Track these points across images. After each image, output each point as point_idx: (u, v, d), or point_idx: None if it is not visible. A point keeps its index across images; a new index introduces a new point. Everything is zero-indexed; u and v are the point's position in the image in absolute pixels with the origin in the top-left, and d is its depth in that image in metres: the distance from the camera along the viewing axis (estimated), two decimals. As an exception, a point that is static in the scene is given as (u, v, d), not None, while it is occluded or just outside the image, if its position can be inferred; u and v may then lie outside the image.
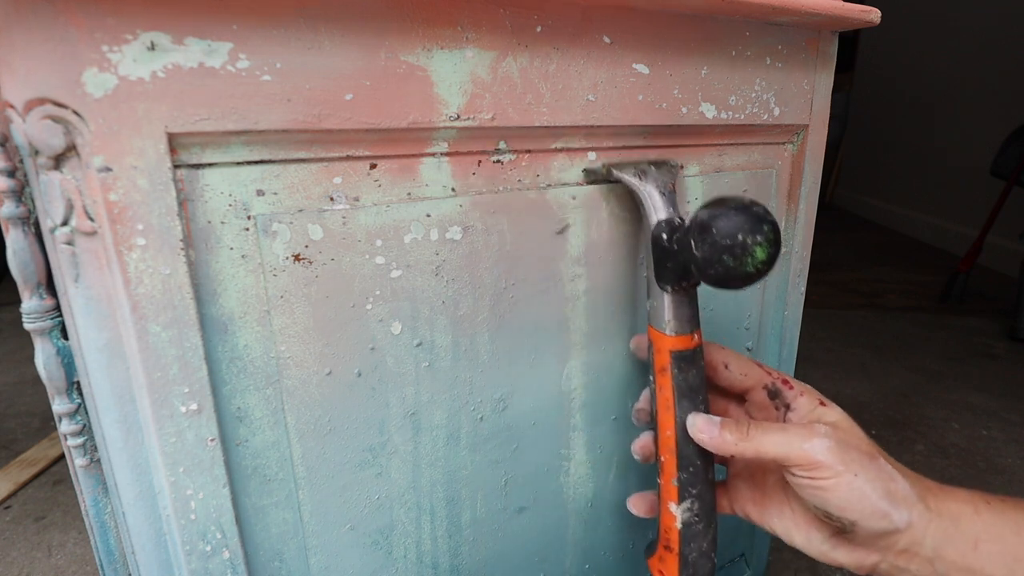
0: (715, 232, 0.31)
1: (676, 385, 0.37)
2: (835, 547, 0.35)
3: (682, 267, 0.35)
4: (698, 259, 0.32)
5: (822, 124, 0.50)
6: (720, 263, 0.31)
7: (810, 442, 0.32)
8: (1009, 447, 1.05)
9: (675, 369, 0.37)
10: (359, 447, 0.36)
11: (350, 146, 0.32)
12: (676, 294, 0.37)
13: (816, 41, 0.47)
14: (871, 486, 0.32)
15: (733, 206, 0.31)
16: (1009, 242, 2.00)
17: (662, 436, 0.38)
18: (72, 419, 0.30)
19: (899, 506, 0.32)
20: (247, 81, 0.27)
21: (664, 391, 0.38)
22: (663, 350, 0.37)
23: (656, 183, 0.39)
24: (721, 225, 0.31)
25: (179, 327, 0.28)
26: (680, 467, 0.38)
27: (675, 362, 0.37)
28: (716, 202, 0.32)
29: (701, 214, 0.32)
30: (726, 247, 0.30)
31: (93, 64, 0.24)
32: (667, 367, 0.37)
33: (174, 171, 0.26)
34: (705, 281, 0.33)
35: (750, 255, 0.30)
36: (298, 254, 0.31)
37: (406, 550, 0.40)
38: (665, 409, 0.38)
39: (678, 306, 0.37)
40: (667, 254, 0.36)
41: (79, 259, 0.26)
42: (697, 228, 0.32)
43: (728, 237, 0.30)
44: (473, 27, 0.32)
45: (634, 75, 0.39)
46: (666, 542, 0.39)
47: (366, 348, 0.34)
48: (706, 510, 0.38)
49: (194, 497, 0.30)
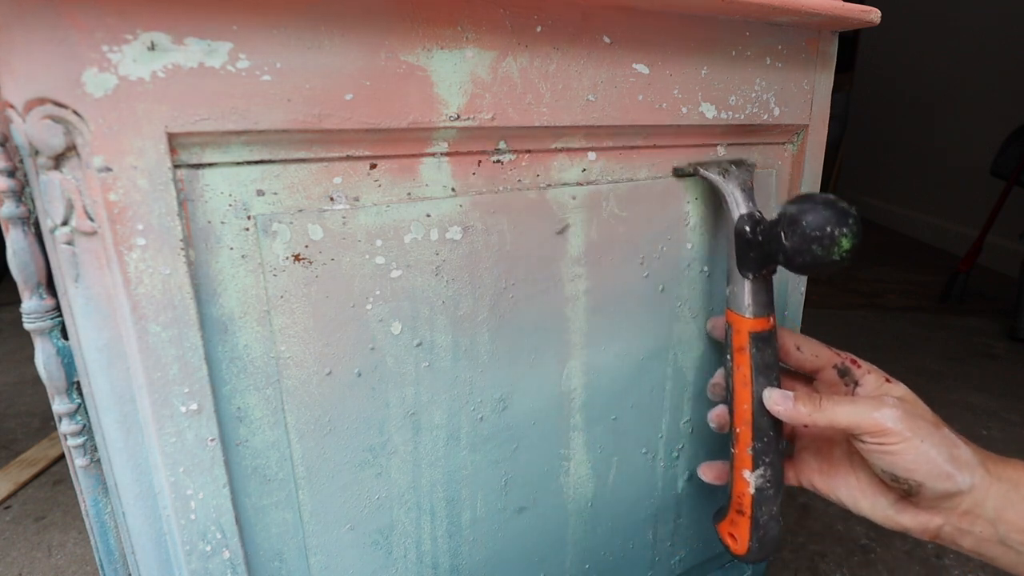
0: (805, 225, 0.34)
1: (754, 363, 0.41)
2: (900, 511, 0.38)
3: (764, 256, 0.39)
4: (787, 249, 0.36)
5: (822, 124, 0.50)
6: (809, 252, 0.34)
7: (880, 411, 0.36)
8: (1009, 447, 1.05)
9: (753, 348, 0.40)
10: (359, 447, 0.36)
11: (350, 146, 0.32)
12: (756, 281, 0.40)
13: (816, 41, 0.47)
14: (936, 451, 0.35)
15: (820, 201, 0.35)
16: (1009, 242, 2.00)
17: (738, 409, 0.42)
18: (72, 419, 0.30)
19: (962, 470, 0.35)
20: (247, 81, 0.27)
21: (742, 368, 0.41)
22: (742, 331, 0.41)
23: (738, 181, 0.42)
24: (810, 218, 0.34)
25: (179, 327, 0.28)
26: (755, 437, 0.41)
27: (753, 342, 0.41)
28: (803, 198, 0.36)
29: (790, 208, 0.36)
30: (815, 238, 0.34)
31: (93, 64, 0.24)
32: (745, 347, 0.41)
33: (174, 171, 0.26)
34: (793, 269, 0.37)
35: (837, 245, 0.34)
36: (298, 254, 0.31)
37: (406, 550, 0.40)
38: (743, 385, 0.41)
39: (757, 292, 0.41)
40: (750, 245, 0.40)
41: (79, 259, 0.26)
42: (787, 221, 0.36)
43: (817, 229, 0.34)
44: (473, 27, 0.32)
45: (634, 75, 0.39)
46: (739, 507, 0.43)
47: (366, 348, 0.34)
48: (776, 477, 0.42)
49: (194, 497, 0.30)
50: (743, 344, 0.41)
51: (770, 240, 0.37)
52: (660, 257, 0.45)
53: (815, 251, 0.34)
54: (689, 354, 0.50)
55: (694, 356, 0.50)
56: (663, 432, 0.51)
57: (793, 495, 0.91)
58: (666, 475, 0.53)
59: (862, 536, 0.83)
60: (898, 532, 0.39)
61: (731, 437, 0.43)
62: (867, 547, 0.81)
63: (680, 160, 0.44)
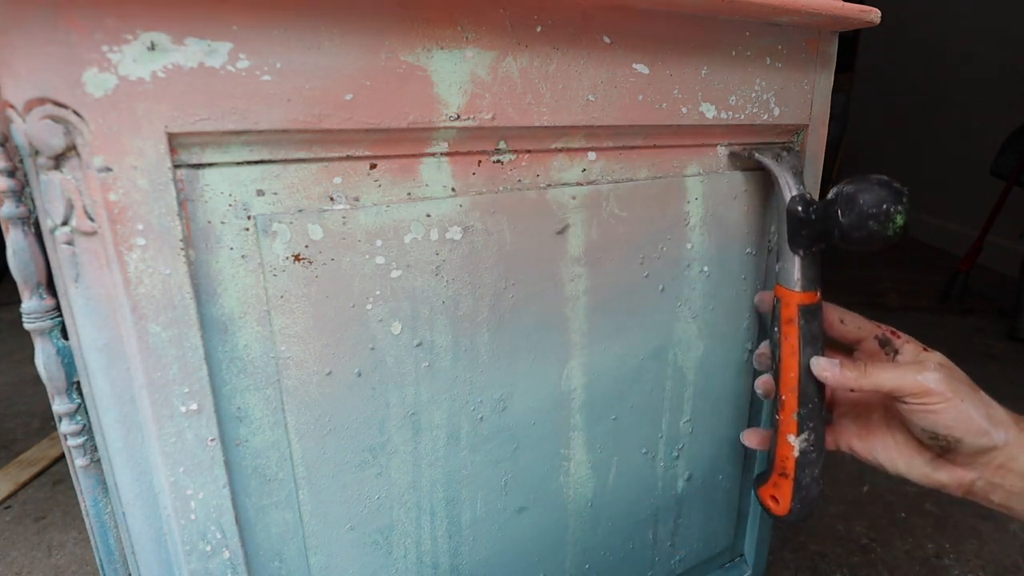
0: (862, 203, 0.38)
1: (802, 334, 0.43)
2: (936, 468, 0.41)
3: (817, 234, 0.42)
4: (844, 226, 0.39)
5: (822, 124, 0.50)
6: (866, 228, 0.38)
7: (923, 374, 0.39)
8: (1009, 447, 1.05)
9: (801, 320, 0.43)
10: (359, 447, 0.36)
11: (350, 146, 0.31)
12: (806, 258, 0.43)
13: (816, 41, 0.47)
14: (975, 410, 0.38)
15: (876, 181, 0.38)
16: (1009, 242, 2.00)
17: (785, 377, 0.44)
18: (72, 419, 0.30)
19: (997, 427, 0.38)
20: (247, 81, 0.27)
21: (790, 339, 0.44)
22: (791, 304, 0.43)
23: (789, 165, 0.44)
24: (867, 197, 0.38)
25: (179, 327, 0.28)
26: (801, 403, 0.44)
27: (802, 314, 0.43)
28: (858, 178, 0.39)
29: (847, 188, 0.39)
30: (872, 215, 0.37)
31: (93, 64, 0.24)
32: (794, 319, 0.43)
33: (174, 171, 0.26)
34: (848, 244, 0.40)
35: (892, 221, 0.37)
36: (298, 254, 0.31)
37: (406, 550, 0.40)
38: (790, 354, 0.44)
39: (807, 267, 0.43)
40: (803, 223, 0.42)
41: (79, 259, 0.26)
42: (845, 199, 0.39)
43: (874, 207, 0.37)
44: (473, 27, 0.32)
45: (634, 75, 0.39)
46: (782, 470, 0.45)
47: (366, 348, 0.34)
48: (819, 442, 0.45)
49: (194, 497, 0.30)
50: (792, 316, 0.43)
51: (826, 219, 0.40)
52: (660, 257, 0.45)
53: (872, 227, 0.37)
54: (689, 354, 0.50)
55: (694, 356, 0.50)
56: (663, 432, 0.51)
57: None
58: (666, 475, 0.53)
59: (862, 536, 0.83)
60: (933, 489, 0.42)
61: (775, 404, 0.45)
62: (867, 547, 0.81)
63: (680, 161, 0.44)
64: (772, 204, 0.50)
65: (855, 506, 0.89)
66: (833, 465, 1.00)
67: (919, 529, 0.84)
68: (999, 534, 0.83)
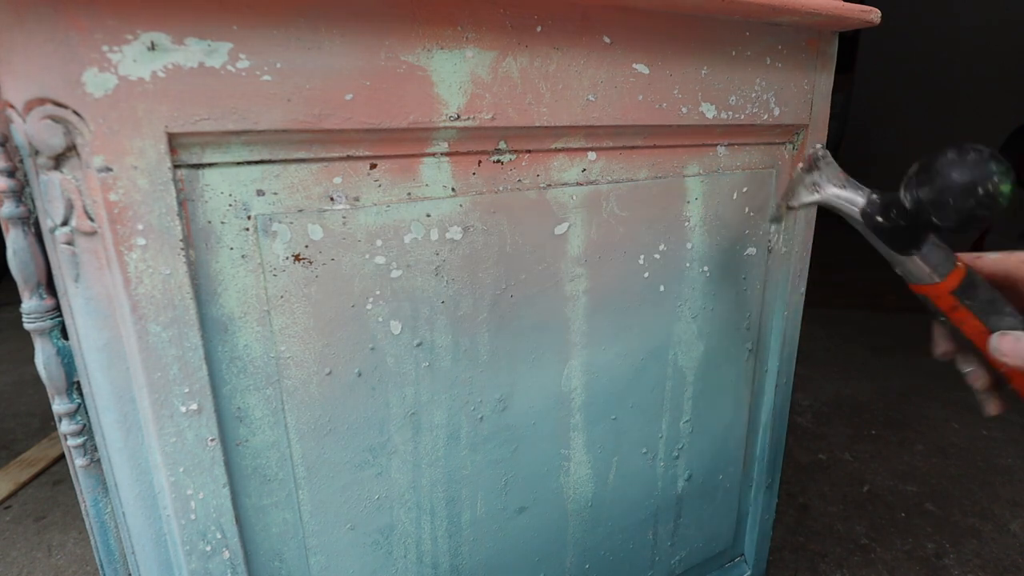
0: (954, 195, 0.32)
1: (976, 311, 0.37)
2: None
3: (914, 228, 0.36)
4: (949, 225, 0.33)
5: (822, 124, 0.50)
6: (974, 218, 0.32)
7: None
8: (1009, 447, 1.05)
9: (964, 300, 0.38)
10: (359, 447, 0.36)
11: (350, 146, 0.31)
12: (924, 248, 0.38)
13: (816, 41, 0.47)
14: None
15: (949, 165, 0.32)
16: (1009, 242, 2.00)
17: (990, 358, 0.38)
18: (72, 419, 0.30)
19: None
20: (247, 81, 0.27)
21: (968, 322, 0.38)
22: (943, 295, 0.38)
23: (832, 181, 0.40)
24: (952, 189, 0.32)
25: (179, 327, 0.28)
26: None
27: (959, 296, 0.38)
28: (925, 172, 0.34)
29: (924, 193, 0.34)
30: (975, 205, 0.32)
31: (93, 64, 0.24)
32: (956, 305, 0.38)
33: (174, 171, 0.26)
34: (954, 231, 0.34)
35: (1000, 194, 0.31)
36: (298, 254, 0.31)
37: (406, 550, 0.40)
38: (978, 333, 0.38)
39: (931, 255, 0.38)
40: (895, 230, 0.37)
41: (79, 259, 0.26)
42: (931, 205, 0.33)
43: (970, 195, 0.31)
44: (473, 27, 0.32)
45: (634, 75, 0.39)
46: None
47: (366, 348, 0.34)
48: None
49: (194, 497, 0.30)
50: (952, 304, 0.38)
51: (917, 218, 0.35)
52: (660, 257, 0.45)
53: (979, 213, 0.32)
54: (689, 354, 0.50)
55: (694, 356, 0.50)
56: (663, 432, 0.51)
57: (794, 495, 0.92)
58: (666, 475, 0.53)
59: (862, 536, 0.83)
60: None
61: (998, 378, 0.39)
62: (867, 547, 0.81)
63: (680, 161, 0.44)
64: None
65: (855, 506, 0.89)
66: (832, 466, 1.00)
67: (919, 529, 0.84)
68: (999, 534, 0.83)
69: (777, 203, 0.42)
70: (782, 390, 0.57)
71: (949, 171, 0.32)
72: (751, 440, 0.58)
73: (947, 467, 0.99)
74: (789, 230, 0.52)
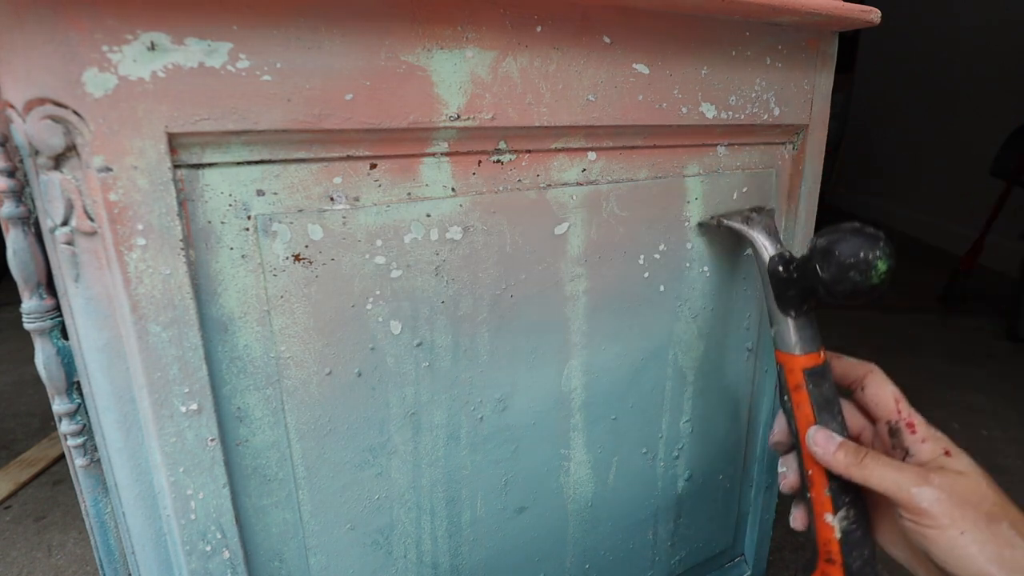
0: (838, 254, 0.35)
1: (813, 400, 0.39)
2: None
3: (803, 292, 0.39)
4: (826, 281, 0.36)
5: (822, 124, 0.50)
6: (848, 280, 0.35)
7: (920, 488, 0.32)
8: (1009, 447, 1.05)
9: (810, 385, 0.40)
10: (359, 447, 0.36)
11: (350, 146, 0.31)
12: (799, 318, 0.40)
13: (816, 41, 0.47)
14: (978, 547, 0.31)
15: (848, 229, 0.36)
16: (1009, 242, 2.00)
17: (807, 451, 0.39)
18: (72, 419, 0.30)
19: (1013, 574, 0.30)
20: (247, 81, 0.27)
21: (803, 407, 0.40)
22: (795, 370, 0.40)
23: (762, 225, 0.43)
24: (843, 247, 0.35)
25: (179, 327, 0.28)
26: (831, 476, 0.38)
27: (808, 379, 0.40)
28: (830, 229, 0.37)
29: (820, 241, 0.37)
30: (851, 265, 0.35)
31: (93, 64, 0.24)
32: (801, 384, 0.40)
33: (174, 171, 0.26)
34: (834, 299, 0.37)
35: (874, 269, 0.34)
36: (298, 254, 0.31)
37: (406, 550, 0.40)
38: (806, 424, 0.40)
39: (802, 328, 0.40)
40: (787, 283, 0.40)
41: (79, 259, 0.26)
42: (820, 253, 0.36)
43: (852, 256, 0.35)
44: (473, 27, 0.32)
45: (634, 75, 0.39)
46: (827, 555, 0.39)
47: (366, 348, 0.34)
48: (862, 517, 0.39)
49: (194, 497, 0.30)
50: (799, 382, 0.40)
51: (805, 275, 0.38)
52: (660, 257, 0.45)
53: (854, 279, 0.35)
54: (689, 354, 0.50)
55: (694, 356, 0.50)
56: (663, 432, 0.51)
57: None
58: (666, 475, 0.53)
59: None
60: None
61: (804, 483, 0.41)
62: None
63: (680, 161, 0.44)
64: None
65: (855, 506, 0.89)
66: (833, 465, 1.00)
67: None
68: (999, 534, 0.83)
69: (712, 214, 0.46)
70: (782, 390, 0.57)
71: (845, 236, 0.36)
72: (751, 440, 0.58)
73: (947, 467, 0.99)
74: (789, 230, 0.52)
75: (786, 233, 0.52)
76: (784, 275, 0.40)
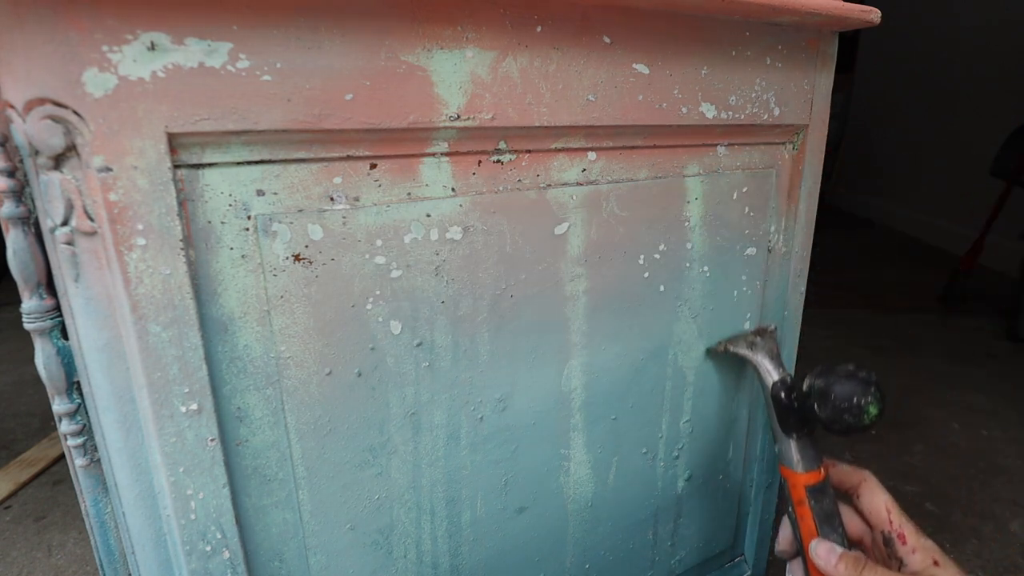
0: (833, 397, 0.39)
1: (815, 515, 0.43)
2: None
3: (803, 419, 0.43)
4: (823, 419, 0.40)
5: (822, 124, 0.50)
6: (842, 422, 0.39)
7: None
8: (1009, 447, 1.05)
9: (811, 501, 0.43)
10: (359, 447, 0.36)
11: (350, 146, 0.31)
12: (801, 439, 0.44)
13: (816, 41, 0.47)
14: None
15: (843, 374, 0.39)
16: (1009, 242, 2.00)
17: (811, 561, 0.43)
18: (72, 419, 0.30)
19: None
20: (247, 81, 0.27)
21: (806, 520, 0.43)
22: (798, 486, 0.44)
23: (765, 350, 0.47)
24: (837, 391, 0.39)
25: (179, 327, 0.28)
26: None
27: (810, 495, 0.43)
28: (826, 370, 0.40)
29: (818, 382, 0.40)
30: (845, 409, 0.38)
31: (93, 64, 0.24)
32: (804, 500, 0.43)
33: (174, 171, 0.26)
34: (831, 433, 0.40)
35: (865, 413, 0.38)
36: (298, 254, 0.31)
37: (406, 550, 0.40)
38: (810, 536, 0.43)
39: (804, 448, 0.44)
40: (789, 410, 0.44)
41: (79, 259, 0.26)
42: (817, 394, 0.40)
43: (845, 400, 0.38)
44: (473, 27, 0.32)
45: (634, 75, 0.39)
46: None
47: (366, 348, 0.34)
48: None
49: (194, 497, 0.30)
50: (802, 497, 0.43)
51: (804, 408, 0.42)
52: (660, 257, 0.45)
53: (847, 420, 0.38)
54: (689, 354, 0.50)
55: (694, 356, 0.50)
56: (663, 432, 0.51)
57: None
58: (666, 475, 0.53)
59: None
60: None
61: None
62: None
63: (680, 161, 0.44)
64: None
65: (855, 506, 0.89)
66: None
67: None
68: (999, 534, 0.83)
69: (720, 341, 0.50)
70: (782, 390, 0.57)
71: (840, 377, 0.39)
72: (751, 440, 0.58)
73: (947, 467, 0.99)
74: (789, 230, 0.52)
75: (786, 233, 0.52)
76: (786, 401, 0.44)
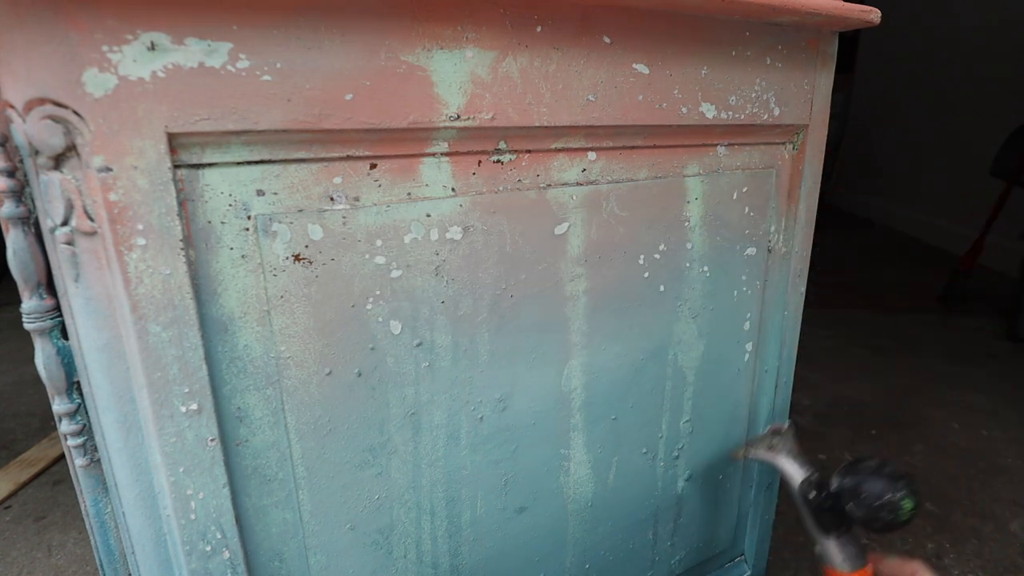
0: (865, 496, 0.38)
1: None
2: None
3: (838, 517, 0.41)
4: (859, 519, 0.39)
5: (822, 124, 0.50)
6: (879, 520, 0.38)
7: None
8: (1009, 447, 1.05)
9: None
10: (359, 447, 0.36)
11: (350, 146, 0.31)
12: (841, 536, 0.43)
13: (816, 41, 0.47)
14: None
15: (872, 470, 0.38)
16: (1009, 242, 2.00)
17: None
18: (72, 419, 0.30)
19: None
20: (247, 81, 0.27)
21: None
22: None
23: (786, 451, 0.46)
24: (869, 489, 0.38)
25: (179, 327, 0.28)
26: None
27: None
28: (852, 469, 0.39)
29: (847, 482, 0.39)
30: (880, 507, 0.37)
31: (93, 64, 0.24)
32: None
33: (174, 171, 0.26)
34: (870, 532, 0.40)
35: (901, 509, 0.37)
36: (298, 254, 0.31)
37: (406, 550, 0.40)
38: None
39: (845, 545, 0.43)
40: (820, 509, 0.42)
41: (79, 259, 0.26)
42: (849, 494, 0.39)
43: (879, 498, 0.37)
44: (473, 27, 0.32)
45: (634, 75, 0.39)
46: None
47: (366, 348, 0.34)
48: None
49: (194, 497, 0.30)
50: None
51: (837, 507, 0.41)
52: (660, 257, 0.45)
53: (886, 518, 0.38)
54: (689, 354, 0.50)
55: (694, 356, 0.50)
56: (663, 432, 0.51)
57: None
58: (666, 475, 0.53)
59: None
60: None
61: None
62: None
63: (680, 161, 0.44)
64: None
65: (855, 506, 0.89)
66: (833, 466, 1.00)
67: (919, 529, 0.84)
68: (999, 534, 0.83)
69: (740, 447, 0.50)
70: (782, 390, 0.57)
71: (868, 475, 0.38)
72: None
73: (947, 467, 0.99)
74: (789, 230, 0.52)
75: (786, 233, 0.52)
76: (816, 501, 0.43)
